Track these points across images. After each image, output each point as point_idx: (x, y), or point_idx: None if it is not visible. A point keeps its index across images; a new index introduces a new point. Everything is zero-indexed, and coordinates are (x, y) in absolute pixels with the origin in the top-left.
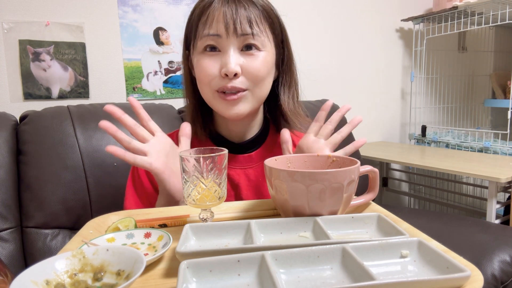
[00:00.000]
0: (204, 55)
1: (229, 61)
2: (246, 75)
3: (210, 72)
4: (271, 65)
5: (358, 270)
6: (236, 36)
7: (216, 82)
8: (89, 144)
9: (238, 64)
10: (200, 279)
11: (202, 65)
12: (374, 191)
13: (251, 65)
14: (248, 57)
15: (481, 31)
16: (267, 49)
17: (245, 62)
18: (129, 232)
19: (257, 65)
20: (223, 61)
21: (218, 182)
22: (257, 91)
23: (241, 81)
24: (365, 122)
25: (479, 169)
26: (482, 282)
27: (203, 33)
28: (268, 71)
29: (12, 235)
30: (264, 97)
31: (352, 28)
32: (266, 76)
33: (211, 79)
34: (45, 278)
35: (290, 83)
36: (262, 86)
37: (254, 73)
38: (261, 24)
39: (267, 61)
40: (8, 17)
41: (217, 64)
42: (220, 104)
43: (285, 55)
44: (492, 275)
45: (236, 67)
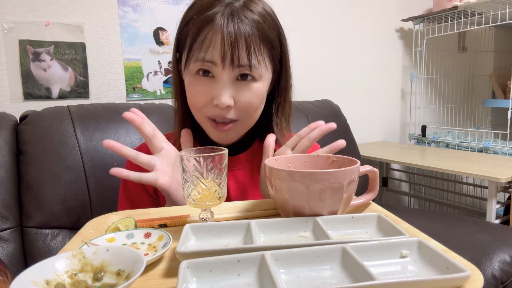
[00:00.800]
0: (196, 78)
1: (221, 93)
2: (238, 107)
3: (201, 99)
4: (264, 95)
5: (358, 270)
6: (233, 67)
7: (207, 110)
8: (89, 144)
9: (231, 96)
10: (200, 279)
11: (194, 90)
12: (374, 191)
13: (244, 98)
14: (242, 88)
15: (481, 31)
16: (263, 79)
17: (238, 94)
18: (129, 232)
19: (250, 98)
20: (215, 92)
21: (218, 182)
22: (247, 120)
23: (232, 112)
24: (365, 122)
25: (479, 169)
26: (482, 282)
27: (199, 56)
28: (261, 101)
29: (12, 235)
30: (253, 123)
31: (352, 28)
32: (257, 107)
33: (201, 107)
34: (45, 278)
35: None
36: (253, 116)
37: (246, 106)
38: (259, 54)
39: (260, 92)
40: (8, 17)
41: (209, 92)
42: (210, 130)
43: (282, 74)
44: (492, 275)
45: (229, 100)
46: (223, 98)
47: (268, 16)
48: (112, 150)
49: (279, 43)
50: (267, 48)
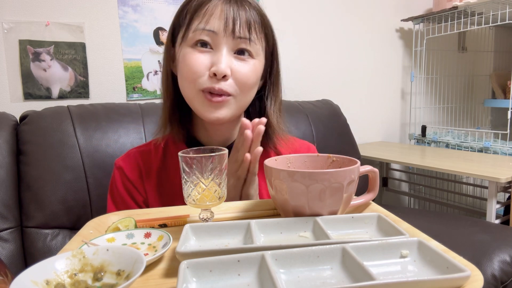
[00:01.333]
0: (193, 49)
1: (221, 60)
2: (235, 80)
3: (198, 69)
4: (259, 75)
5: (358, 270)
6: (233, 37)
7: (203, 81)
8: (89, 144)
9: (229, 66)
10: (200, 279)
11: (190, 60)
12: (374, 191)
13: (241, 70)
14: (240, 62)
15: (481, 31)
16: (259, 58)
17: (236, 66)
18: (129, 232)
19: (248, 72)
20: (214, 60)
21: (218, 182)
22: (241, 98)
23: (229, 84)
24: (365, 122)
25: (479, 169)
26: (482, 282)
27: (198, 26)
28: (257, 80)
29: (12, 235)
30: (246, 106)
31: (352, 28)
32: (253, 85)
33: (197, 77)
34: (45, 278)
35: (276, 97)
36: (247, 94)
37: (243, 80)
38: (259, 32)
39: (257, 70)
40: (8, 17)
41: (207, 62)
42: (202, 105)
43: (273, 67)
44: (492, 275)
45: (227, 69)
46: (222, 65)
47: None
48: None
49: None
50: (264, 32)
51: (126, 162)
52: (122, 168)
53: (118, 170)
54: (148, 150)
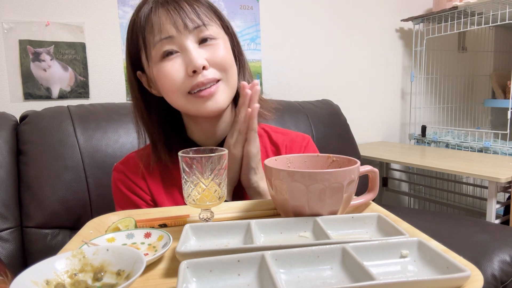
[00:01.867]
0: (163, 62)
1: (192, 56)
2: (214, 66)
3: (176, 76)
4: (230, 51)
5: (358, 270)
6: (189, 31)
7: (186, 83)
8: (89, 144)
9: (203, 57)
10: (200, 279)
11: (165, 72)
12: (374, 191)
13: (215, 55)
14: (209, 48)
15: (481, 31)
16: (221, 36)
17: (208, 54)
18: (129, 232)
19: (221, 53)
20: (186, 60)
21: (218, 182)
22: (229, 79)
23: (211, 72)
24: (365, 122)
25: (479, 169)
26: (482, 282)
27: (155, 40)
28: (231, 57)
29: (12, 235)
30: (235, 84)
31: (352, 28)
32: (232, 62)
33: (179, 83)
34: (45, 278)
35: (244, 67)
36: (232, 73)
37: (221, 62)
38: (208, 14)
39: (227, 47)
40: (8, 17)
41: (181, 66)
42: (196, 104)
43: (234, 40)
44: (492, 275)
45: (202, 60)
46: (195, 60)
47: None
48: None
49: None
50: (212, 11)
51: (126, 166)
52: (123, 171)
53: (119, 173)
54: (147, 154)
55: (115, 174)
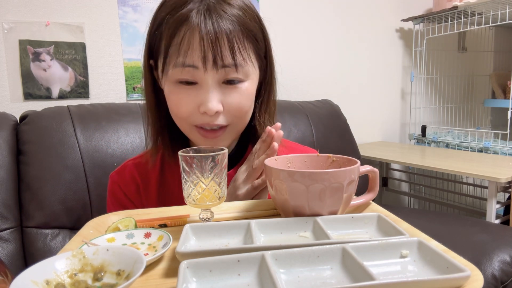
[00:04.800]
0: (178, 87)
1: (208, 99)
2: (228, 112)
3: (186, 109)
4: (253, 94)
5: (358, 270)
6: (216, 69)
7: (195, 118)
8: (89, 144)
9: (219, 101)
10: (200, 279)
11: (176, 100)
12: (374, 191)
13: (233, 101)
14: (230, 91)
15: (481, 31)
16: (251, 78)
17: (226, 98)
18: (129, 232)
19: (240, 100)
20: (201, 98)
21: (218, 182)
22: (239, 124)
23: (222, 118)
24: (365, 122)
25: (479, 169)
26: (482, 282)
27: (177, 61)
28: (251, 102)
29: (12, 235)
30: (244, 127)
31: (352, 28)
32: (248, 109)
33: (188, 116)
34: (45, 278)
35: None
36: (244, 118)
37: (236, 109)
38: (244, 50)
39: (250, 92)
40: (8, 17)
41: (195, 100)
42: (198, 139)
43: (267, 69)
44: (492, 275)
45: (217, 106)
46: (211, 104)
47: (247, 8)
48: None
49: (262, 36)
50: (252, 43)
51: (121, 177)
52: (117, 183)
53: (113, 184)
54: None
55: (110, 184)
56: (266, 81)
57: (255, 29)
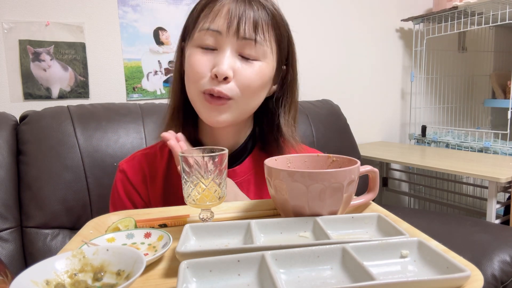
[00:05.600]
0: (198, 50)
1: (222, 61)
2: (237, 82)
3: (200, 70)
4: (267, 79)
5: (358, 270)
6: (237, 37)
7: (204, 82)
8: (89, 144)
9: (232, 67)
10: (200, 279)
11: (193, 61)
12: (374, 191)
13: (245, 72)
14: (244, 63)
15: (481, 31)
16: (266, 61)
17: (239, 68)
18: (129, 232)
19: (252, 74)
20: (216, 60)
21: (218, 182)
22: (243, 102)
23: (229, 87)
24: (365, 122)
25: (479, 169)
26: (482, 282)
27: (203, 26)
28: (263, 84)
29: (12, 235)
30: (251, 111)
31: (352, 28)
32: (258, 89)
33: (199, 78)
34: (45, 278)
35: (290, 105)
36: (251, 99)
37: (245, 83)
38: (267, 32)
39: (263, 73)
40: (8, 17)
41: (209, 63)
42: (203, 107)
43: (288, 73)
44: (492, 275)
45: (228, 71)
46: (223, 66)
47: (278, 12)
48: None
49: (287, 38)
50: (275, 32)
51: (130, 165)
52: (125, 171)
53: (121, 173)
54: (153, 153)
55: (118, 173)
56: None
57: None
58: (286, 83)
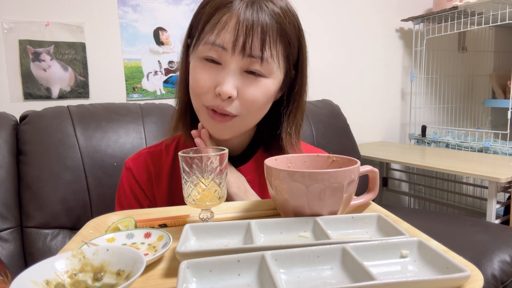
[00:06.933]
0: (202, 63)
1: (226, 81)
2: (241, 101)
3: (203, 85)
4: (272, 94)
5: (358, 270)
6: (243, 55)
7: (207, 98)
8: (89, 144)
9: (235, 87)
10: (200, 279)
11: (196, 75)
12: (374, 191)
13: (249, 91)
14: (249, 81)
15: (481, 31)
16: (273, 77)
17: (243, 86)
18: (129, 232)
19: (256, 93)
20: (219, 79)
21: (218, 182)
22: (248, 118)
23: (234, 106)
24: (365, 122)
25: (479, 169)
26: (482, 282)
27: (209, 39)
28: (267, 100)
29: (12, 235)
30: (254, 124)
31: (352, 28)
32: (263, 106)
33: (202, 94)
34: (45, 278)
35: (296, 114)
36: (256, 115)
37: (250, 101)
38: (274, 48)
39: (269, 90)
40: (8, 17)
41: (213, 80)
42: (206, 120)
43: (297, 80)
44: (492, 275)
45: (232, 91)
46: (227, 86)
47: (289, 12)
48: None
49: (297, 43)
50: (283, 44)
51: (136, 163)
52: (131, 169)
53: (127, 171)
54: (158, 151)
55: (124, 170)
56: (295, 91)
57: (291, 33)
58: (293, 91)
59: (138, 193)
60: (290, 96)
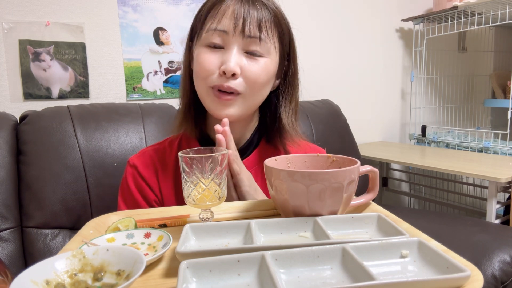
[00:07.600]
0: (206, 49)
1: (230, 59)
2: (245, 78)
3: (208, 67)
4: (272, 74)
5: (358, 270)
6: (243, 36)
7: (213, 79)
8: (89, 144)
9: (239, 64)
10: (200, 279)
11: (201, 59)
12: (374, 191)
13: (251, 68)
14: (250, 60)
15: (481, 31)
16: (271, 57)
17: (246, 64)
18: (129, 232)
19: (258, 70)
20: (224, 58)
21: (218, 182)
22: (251, 97)
23: (238, 83)
24: (365, 122)
25: (479, 169)
26: (482, 282)
27: (210, 27)
28: (268, 79)
29: (12, 235)
30: (257, 105)
31: (352, 28)
32: (264, 84)
33: (208, 75)
34: (45, 278)
35: (291, 97)
36: (258, 93)
37: (252, 78)
38: (270, 30)
39: (268, 68)
40: (8, 17)
41: (217, 61)
42: (212, 102)
43: (290, 68)
44: (492, 275)
45: (236, 67)
46: (230, 63)
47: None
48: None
49: (288, 34)
50: (277, 30)
51: (141, 160)
52: (136, 166)
53: (132, 168)
54: (163, 148)
55: (128, 168)
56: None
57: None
58: (287, 77)
59: (144, 190)
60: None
